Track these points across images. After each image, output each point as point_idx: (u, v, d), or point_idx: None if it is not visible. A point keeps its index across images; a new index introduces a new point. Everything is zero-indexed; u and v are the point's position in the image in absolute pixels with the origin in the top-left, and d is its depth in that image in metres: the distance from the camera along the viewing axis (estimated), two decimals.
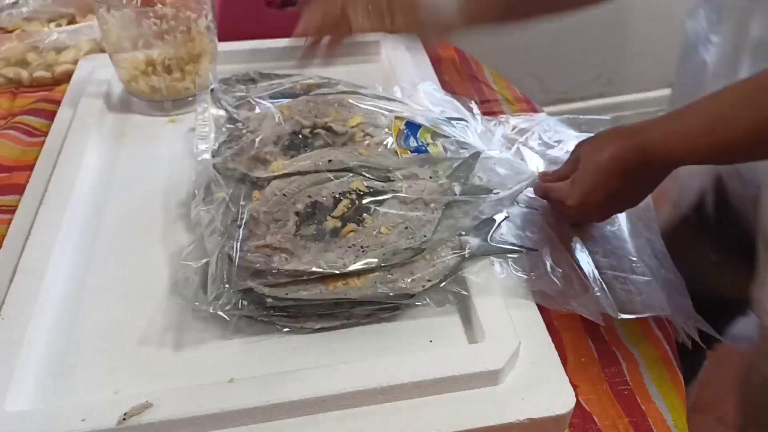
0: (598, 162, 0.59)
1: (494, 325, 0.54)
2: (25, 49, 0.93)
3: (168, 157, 0.75)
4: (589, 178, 0.60)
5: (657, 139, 0.56)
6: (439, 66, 0.96)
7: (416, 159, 0.66)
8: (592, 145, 0.61)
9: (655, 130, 0.57)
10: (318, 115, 0.69)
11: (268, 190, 0.60)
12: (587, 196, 0.60)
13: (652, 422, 0.53)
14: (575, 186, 0.61)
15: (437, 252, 0.59)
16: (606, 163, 0.58)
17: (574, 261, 0.63)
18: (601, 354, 0.58)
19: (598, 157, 0.59)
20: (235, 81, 0.78)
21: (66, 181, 0.68)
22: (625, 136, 0.59)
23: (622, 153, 0.58)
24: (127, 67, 0.81)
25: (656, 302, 0.62)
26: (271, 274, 0.53)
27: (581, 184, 0.60)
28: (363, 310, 0.55)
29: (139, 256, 0.63)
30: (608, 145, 0.59)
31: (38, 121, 0.83)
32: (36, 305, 0.55)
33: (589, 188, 0.60)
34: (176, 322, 0.56)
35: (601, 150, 0.59)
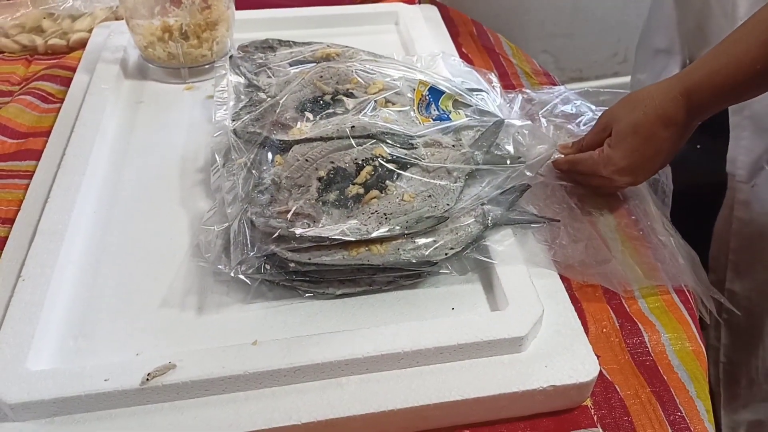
0: (636, 122, 0.58)
1: (518, 292, 0.53)
2: (41, 15, 0.92)
3: (185, 123, 0.75)
4: (628, 140, 0.59)
5: (702, 82, 0.56)
6: (457, 38, 0.94)
7: (439, 126, 0.65)
8: (624, 107, 0.60)
9: (694, 74, 0.56)
10: (339, 82, 0.68)
11: (290, 155, 0.59)
12: (627, 159, 0.59)
13: (675, 392, 0.53)
14: (613, 152, 0.60)
15: (460, 220, 0.58)
16: (646, 121, 0.57)
17: (596, 231, 0.62)
18: (622, 324, 0.58)
19: (634, 117, 0.58)
20: (254, 48, 0.77)
21: (84, 145, 0.68)
22: (661, 90, 0.58)
23: (662, 105, 0.57)
24: (144, 33, 0.80)
25: (678, 273, 0.61)
26: (294, 239, 0.52)
27: (619, 149, 0.59)
28: (385, 276, 0.55)
29: (158, 221, 0.62)
30: (643, 103, 0.58)
31: (53, 87, 0.83)
32: (56, 267, 0.55)
33: (628, 151, 0.59)
34: (197, 285, 0.56)
35: (636, 109, 0.58)
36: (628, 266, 0.61)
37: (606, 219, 0.66)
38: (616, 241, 0.64)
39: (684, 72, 0.58)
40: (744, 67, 0.55)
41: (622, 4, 1.54)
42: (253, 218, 0.55)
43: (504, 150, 0.66)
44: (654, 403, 0.52)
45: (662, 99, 0.57)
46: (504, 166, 0.63)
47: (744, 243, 0.77)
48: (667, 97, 0.57)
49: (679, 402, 0.52)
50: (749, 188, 0.75)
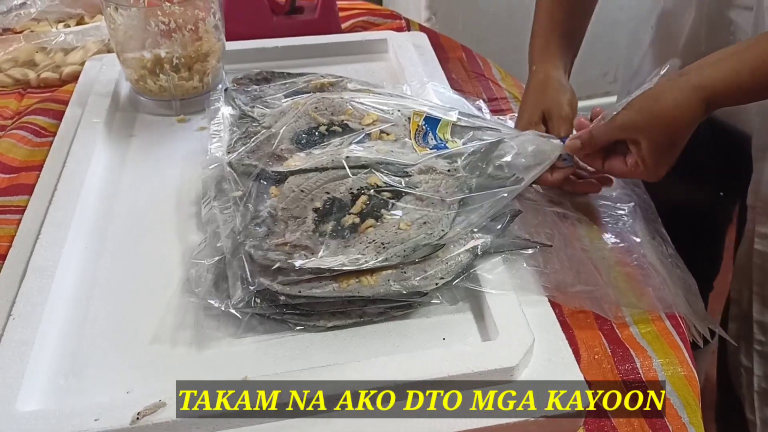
0: (672, 140, 0.59)
1: (508, 322, 0.53)
2: (33, 49, 0.93)
3: (177, 156, 0.75)
4: (664, 155, 0.60)
5: (726, 90, 0.58)
6: (447, 64, 0.95)
7: (434, 154, 0.66)
8: (654, 125, 0.60)
9: (716, 80, 0.58)
10: (334, 113, 0.69)
11: (285, 187, 0.60)
12: (663, 168, 0.61)
13: (667, 419, 0.53)
14: (649, 163, 0.61)
15: (450, 249, 0.58)
16: (680, 135, 0.59)
17: (587, 257, 0.63)
18: (614, 351, 0.58)
19: (669, 134, 0.59)
20: (248, 80, 0.78)
21: (75, 180, 0.68)
22: (685, 103, 0.58)
23: (692, 117, 0.58)
24: (135, 66, 0.80)
25: (670, 298, 0.61)
26: (294, 272, 0.53)
27: (655, 161, 0.60)
28: (376, 308, 0.55)
29: (149, 255, 0.62)
30: (674, 120, 0.59)
31: (46, 120, 0.83)
32: (47, 304, 0.55)
33: (665, 161, 0.60)
34: (188, 320, 0.56)
35: (670, 126, 0.59)
36: (619, 292, 0.61)
37: (597, 244, 0.66)
38: (608, 266, 0.64)
39: (704, 78, 0.58)
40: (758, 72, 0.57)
41: (611, 25, 1.55)
42: (252, 251, 0.55)
43: (501, 169, 0.66)
44: (647, 430, 0.52)
45: (689, 111, 0.58)
46: (497, 189, 0.63)
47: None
48: (692, 108, 0.58)
49: (671, 429, 0.52)
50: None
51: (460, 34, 1.29)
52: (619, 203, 0.70)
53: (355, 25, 1.07)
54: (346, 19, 1.07)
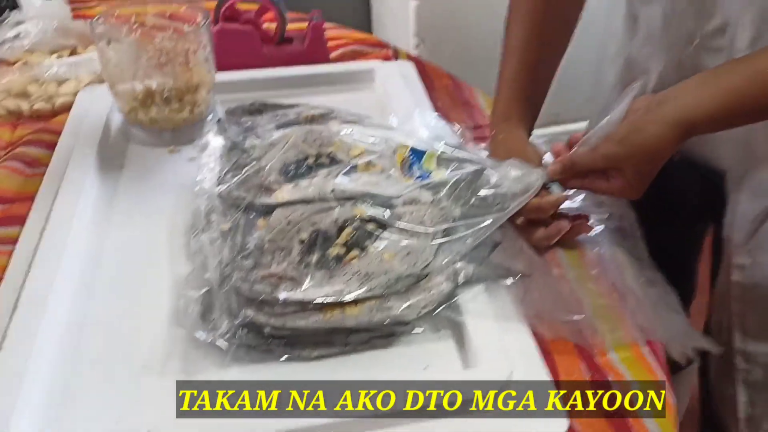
0: (653, 169, 0.61)
1: (487, 350, 0.55)
2: (26, 81, 0.94)
3: (168, 186, 0.77)
4: (646, 180, 0.62)
5: (705, 121, 0.59)
6: (433, 92, 0.97)
7: (418, 185, 0.68)
8: (641, 161, 0.61)
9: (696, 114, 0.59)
10: (322, 144, 0.71)
11: (272, 219, 0.62)
12: (643, 190, 0.63)
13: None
14: (633, 188, 0.63)
15: (433, 279, 0.60)
16: (660, 165, 0.61)
17: (566, 284, 0.64)
18: (593, 377, 0.59)
19: (653, 167, 0.61)
20: (242, 111, 0.80)
21: (67, 211, 0.70)
22: (665, 136, 0.60)
23: (670, 149, 0.60)
24: (127, 98, 0.82)
25: (648, 325, 0.63)
26: (279, 304, 0.54)
27: (640, 187, 0.62)
28: (359, 337, 0.57)
29: (140, 286, 0.64)
30: (657, 154, 0.60)
31: (39, 151, 0.85)
32: (38, 337, 0.56)
33: (647, 185, 0.62)
34: (176, 351, 0.57)
35: (654, 161, 0.61)
36: (598, 319, 0.63)
37: (577, 271, 0.68)
38: (587, 293, 0.65)
39: (683, 109, 0.60)
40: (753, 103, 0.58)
41: (596, 50, 1.58)
42: (238, 284, 0.56)
43: (484, 198, 0.68)
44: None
45: (671, 144, 0.60)
46: (480, 218, 0.65)
47: (748, 306, 0.79)
48: (674, 140, 0.60)
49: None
50: (747, 251, 0.77)
51: (447, 60, 1.32)
52: (598, 227, 0.72)
53: (344, 54, 1.09)
54: (334, 48, 1.09)
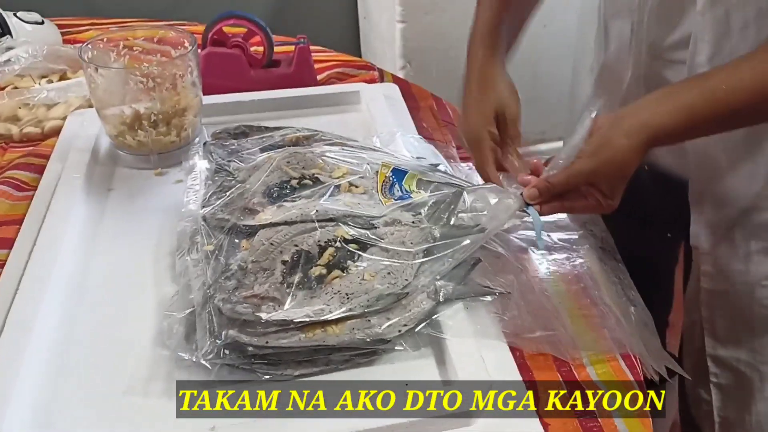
0: (624, 177, 0.63)
1: (467, 367, 0.56)
2: (16, 105, 0.95)
3: (155, 209, 0.78)
4: (620, 188, 0.64)
5: (658, 126, 0.61)
6: (417, 113, 0.99)
7: (399, 205, 0.69)
8: (612, 172, 0.63)
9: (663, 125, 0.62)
10: (306, 167, 0.72)
11: (256, 240, 0.63)
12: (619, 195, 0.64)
13: None
14: (613, 200, 0.64)
15: (413, 297, 0.61)
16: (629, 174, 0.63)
17: (545, 301, 0.66)
18: (571, 392, 0.60)
19: (622, 175, 0.63)
20: (227, 134, 0.82)
21: (54, 235, 0.71)
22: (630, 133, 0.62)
23: (635, 146, 0.62)
24: (114, 122, 0.84)
25: (626, 339, 0.64)
26: (261, 324, 0.55)
27: (617, 197, 0.64)
28: (341, 356, 0.58)
29: (125, 308, 0.65)
30: (626, 164, 0.62)
31: (27, 175, 0.86)
32: (24, 358, 0.57)
33: (619, 188, 0.64)
34: (160, 372, 0.58)
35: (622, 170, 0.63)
36: (576, 334, 0.64)
37: (556, 287, 0.69)
38: (566, 309, 0.67)
39: (645, 121, 0.62)
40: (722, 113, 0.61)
41: (579, 70, 1.61)
42: (221, 305, 0.57)
43: (463, 220, 0.69)
44: None
45: (638, 154, 0.62)
46: (460, 238, 0.66)
47: (717, 312, 0.81)
48: (641, 150, 0.62)
49: None
50: (711, 258, 0.79)
51: (434, 81, 1.34)
52: (576, 245, 0.74)
53: (331, 76, 1.11)
54: (321, 70, 1.11)
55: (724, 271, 0.78)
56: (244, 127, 0.84)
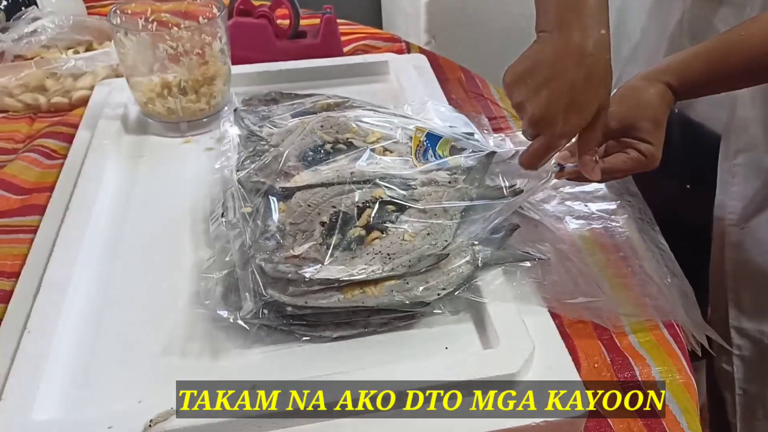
0: (652, 110, 0.62)
1: (508, 330, 0.55)
2: (44, 75, 0.95)
3: (184, 175, 0.77)
4: (659, 133, 0.63)
5: (685, 69, 0.62)
6: (446, 85, 0.98)
7: (434, 163, 0.68)
8: (640, 109, 0.63)
9: (670, 65, 0.63)
10: (339, 131, 0.71)
11: (293, 202, 0.62)
12: (659, 145, 0.63)
13: (666, 425, 0.54)
14: (656, 149, 0.63)
15: (451, 261, 0.60)
16: (652, 101, 0.62)
17: (585, 268, 0.64)
18: (613, 359, 0.59)
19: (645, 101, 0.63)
20: (257, 101, 0.81)
21: (86, 199, 0.70)
22: (650, 78, 0.63)
23: (661, 90, 0.62)
24: (143, 89, 0.83)
25: (668, 308, 0.63)
26: (304, 283, 0.54)
27: (659, 145, 0.63)
28: (380, 318, 0.57)
29: (159, 271, 0.64)
30: (656, 101, 0.62)
31: (56, 143, 0.85)
32: (60, 319, 0.57)
33: (657, 136, 0.63)
34: (197, 332, 0.57)
35: (650, 108, 0.62)
36: (617, 302, 0.63)
37: (595, 256, 0.68)
38: (605, 277, 0.65)
39: (666, 71, 0.63)
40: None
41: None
42: (263, 264, 0.56)
43: (497, 181, 0.68)
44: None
45: (662, 100, 0.62)
46: (497, 200, 0.65)
47: (742, 283, 0.79)
48: (664, 95, 0.62)
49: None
50: (739, 230, 0.77)
51: (458, 56, 1.32)
52: (615, 215, 0.72)
53: (357, 48, 1.10)
54: (347, 42, 1.10)
55: (753, 243, 0.76)
56: (274, 94, 0.83)
